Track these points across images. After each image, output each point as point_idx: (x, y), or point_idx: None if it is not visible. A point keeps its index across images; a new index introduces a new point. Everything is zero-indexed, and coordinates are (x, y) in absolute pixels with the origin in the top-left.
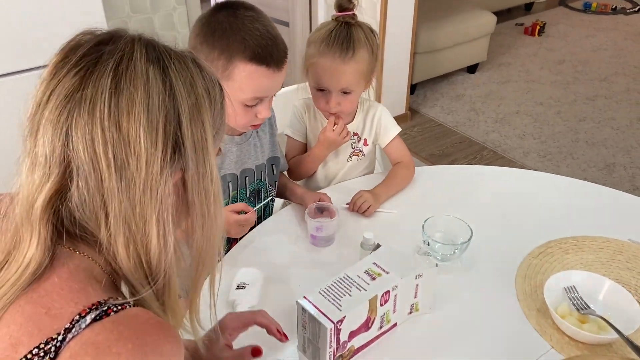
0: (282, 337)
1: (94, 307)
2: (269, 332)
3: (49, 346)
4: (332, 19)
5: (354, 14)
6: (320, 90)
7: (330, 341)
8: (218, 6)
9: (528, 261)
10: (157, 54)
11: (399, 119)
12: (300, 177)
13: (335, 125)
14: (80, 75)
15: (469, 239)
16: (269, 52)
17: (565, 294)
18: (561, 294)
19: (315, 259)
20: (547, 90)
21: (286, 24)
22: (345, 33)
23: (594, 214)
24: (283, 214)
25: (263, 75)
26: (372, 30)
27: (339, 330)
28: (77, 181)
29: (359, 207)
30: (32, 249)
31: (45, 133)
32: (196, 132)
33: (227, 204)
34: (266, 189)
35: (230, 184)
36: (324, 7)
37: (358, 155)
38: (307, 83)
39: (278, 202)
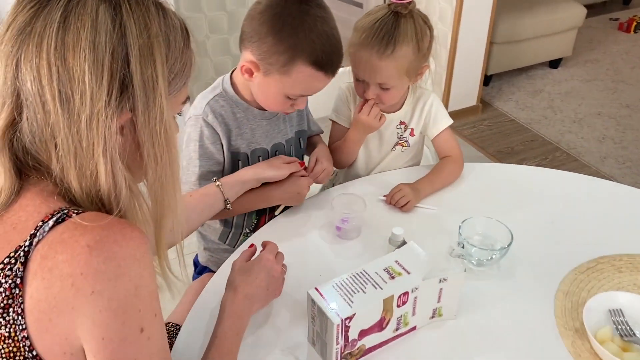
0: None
1: (55, 212)
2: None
3: (18, 253)
4: (386, 5)
5: (409, 3)
6: (358, 80)
7: (338, 338)
8: None
9: (573, 275)
10: None
11: (469, 111)
12: (340, 164)
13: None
14: (34, 9)
15: (509, 245)
16: (331, 59)
17: (610, 317)
18: (605, 316)
19: (341, 250)
20: (636, 92)
21: (359, 5)
22: (390, 26)
23: None
24: (310, 202)
25: (319, 79)
26: (426, 22)
27: (347, 327)
28: (26, 113)
29: (397, 201)
30: (0, 180)
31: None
32: (146, 71)
33: None
34: None
35: (260, 158)
36: None
37: (403, 146)
38: None
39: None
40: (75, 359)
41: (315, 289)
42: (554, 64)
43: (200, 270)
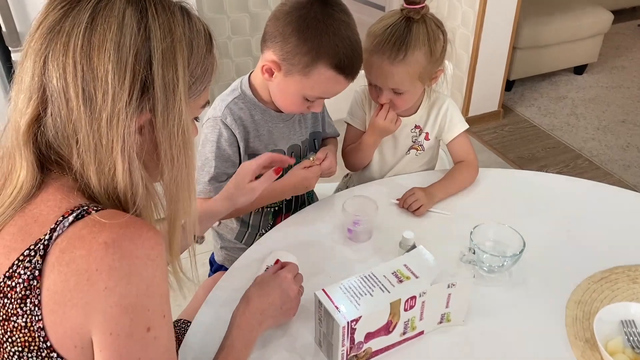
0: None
1: (76, 208)
2: (280, 161)
3: (38, 246)
4: (399, 10)
5: (422, 8)
6: (372, 84)
7: (344, 340)
8: None
9: (586, 285)
10: None
11: (490, 116)
12: (354, 167)
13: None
14: (64, 9)
15: (520, 252)
16: (352, 63)
17: (622, 328)
18: (617, 327)
19: (351, 253)
20: None
21: (381, 9)
22: (402, 31)
23: None
24: (323, 204)
25: (339, 83)
26: (439, 27)
27: (353, 329)
28: (51, 108)
29: (410, 205)
30: (23, 172)
31: (28, 60)
32: (167, 74)
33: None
34: None
35: None
36: None
37: (417, 150)
38: None
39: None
40: (84, 353)
41: (323, 290)
42: (579, 70)
43: (216, 269)
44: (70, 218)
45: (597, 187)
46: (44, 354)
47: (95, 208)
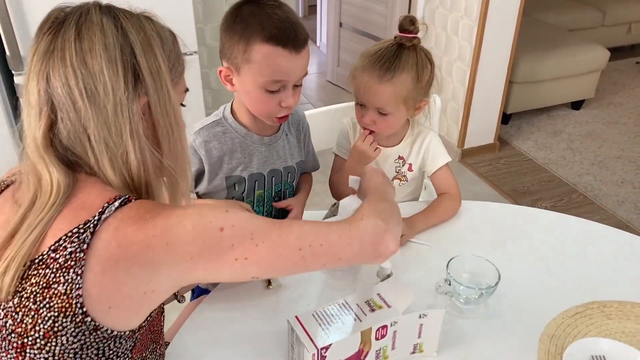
0: None
1: (118, 197)
2: None
3: (87, 225)
4: (393, 37)
5: (413, 37)
6: (359, 104)
7: None
8: (244, 0)
9: (561, 319)
10: (108, 9)
11: (485, 149)
12: (340, 196)
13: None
14: (52, 34)
15: (496, 284)
16: (286, 34)
17: None
18: None
19: (331, 281)
20: None
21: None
22: (392, 54)
23: None
24: None
25: (281, 56)
26: (428, 58)
27: (323, 357)
28: (60, 114)
29: None
30: (54, 176)
31: (31, 82)
32: (149, 60)
33: (251, 202)
34: (292, 191)
35: (256, 183)
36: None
37: (401, 180)
38: None
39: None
40: (118, 311)
41: (296, 317)
42: (576, 105)
43: (198, 294)
44: (116, 204)
45: (579, 222)
46: (78, 319)
47: (134, 197)
